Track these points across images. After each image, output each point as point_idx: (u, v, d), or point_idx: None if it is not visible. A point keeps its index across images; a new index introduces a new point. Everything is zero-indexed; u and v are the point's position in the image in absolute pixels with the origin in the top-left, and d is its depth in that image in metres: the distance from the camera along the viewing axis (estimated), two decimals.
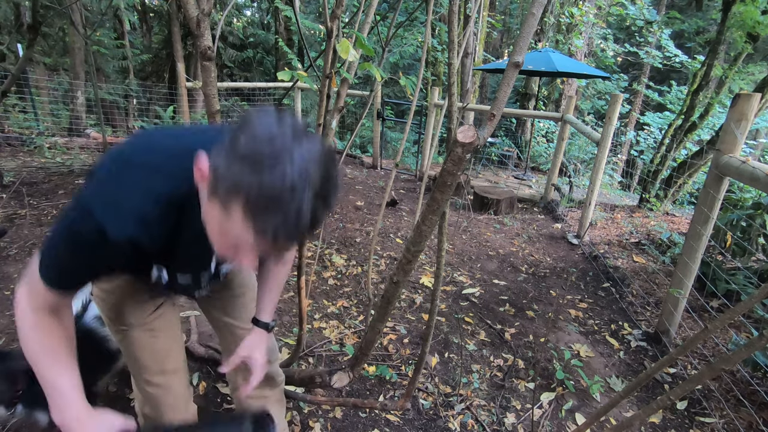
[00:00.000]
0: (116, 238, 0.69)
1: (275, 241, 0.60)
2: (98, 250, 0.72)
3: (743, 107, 2.09)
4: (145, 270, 0.86)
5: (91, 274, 0.80)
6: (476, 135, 0.74)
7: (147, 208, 0.70)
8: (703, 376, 1.06)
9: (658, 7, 12.01)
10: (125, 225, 0.69)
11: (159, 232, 0.74)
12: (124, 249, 0.72)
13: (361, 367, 1.35)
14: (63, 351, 0.83)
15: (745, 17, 4.32)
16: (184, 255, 0.84)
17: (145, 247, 0.73)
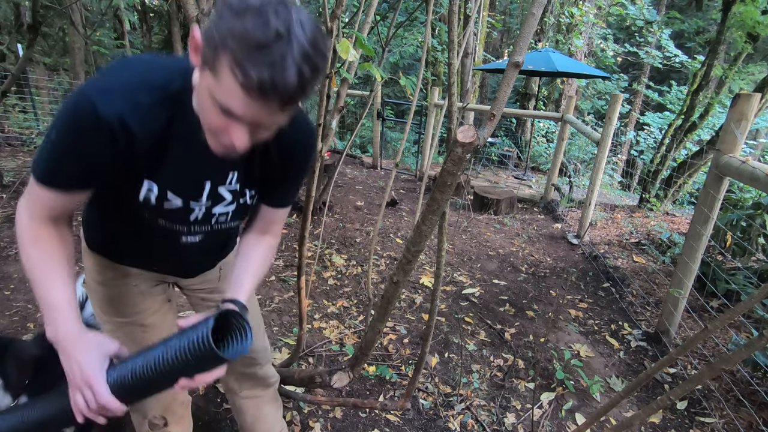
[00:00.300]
0: (105, 114, 0.68)
1: (262, 93, 0.60)
2: (88, 130, 0.70)
3: (743, 107, 2.09)
4: (134, 179, 0.79)
5: (80, 167, 0.75)
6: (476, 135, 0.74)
7: (139, 93, 0.71)
8: (703, 376, 1.06)
9: (658, 7, 12.01)
10: (115, 102, 0.69)
11: (149, 122, 0.73)
12: (113, 132, 0.70)
13: (361, 367, 1.35)
14: (59, 265, 0.81)
15: (745, 17, 4.32)
16: (173, 169, 0.80)
17: (134, 133, 0.71)
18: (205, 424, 1.73)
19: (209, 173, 0.84)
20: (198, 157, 0.79)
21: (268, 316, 2.49)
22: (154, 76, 0.74)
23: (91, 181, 0.79)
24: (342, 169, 6.09)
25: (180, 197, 0.84)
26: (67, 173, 0.76)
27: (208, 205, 0.88)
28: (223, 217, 0.92)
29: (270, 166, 0.90)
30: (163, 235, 0.90)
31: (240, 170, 0.87)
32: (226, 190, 0.88)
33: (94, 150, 0.72)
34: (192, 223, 0.89)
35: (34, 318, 2.28)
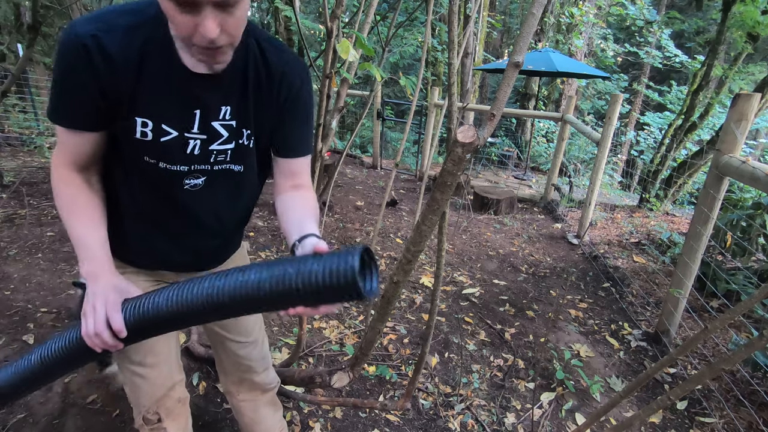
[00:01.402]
0: (81, 33, 0.73)
1: None
2: (69, 54, 0.74)
3: (743, 107, 2.09)
4: (126, 116, 0.80)
5: (74, 96, 0.78)
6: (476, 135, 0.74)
7: (114, 16, 0.76)
8: (703, 376, 1.06)
9: (658, 7, 12.01)
10: (90, 23, 0.74)
11: (125, 43, 0.75)
12: (89, 51, 0.73)
13: (361, 367, 1.35)
14: (91, 209, 0.86)
15: (745, 17, 4.32)
16: (160, 100, 0.80)
17: (111, 54, 0.74)
18: (205, 424, 1.73)
19: (196, 103, 0.83)
20: (181, 85, 0.81)
21: (268, 316, 2.49)
22: (132, 5, 0.78)
23: (91, 116, 0.81)
24: (342, 169, 6.09)
25: (174, 129, 0.84)
26: (68, 106, 0.80)
27: (204, 138, 0.86)
28: (222, 155, 0.90)
29: (264, 101, 0.89)
30: (165, 184, 0.88)
31: (233, 106, 0.87)
32: (221, 125, 0.87)
33: (79, 75, 0.75)
34: (189, 158, 0.87)
35: (34, 318, 2.28)
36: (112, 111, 0.80)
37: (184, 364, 1.82)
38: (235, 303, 0.71)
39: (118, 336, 0.79)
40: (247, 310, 0.74)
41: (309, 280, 0.67)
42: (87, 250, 0.84)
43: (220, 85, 0.83)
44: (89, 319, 0.79)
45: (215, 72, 0.81)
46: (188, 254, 1.03)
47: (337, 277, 0.65)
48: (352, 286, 0.65)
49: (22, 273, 2.69)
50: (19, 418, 1.70)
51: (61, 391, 1.84)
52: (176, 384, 1.12)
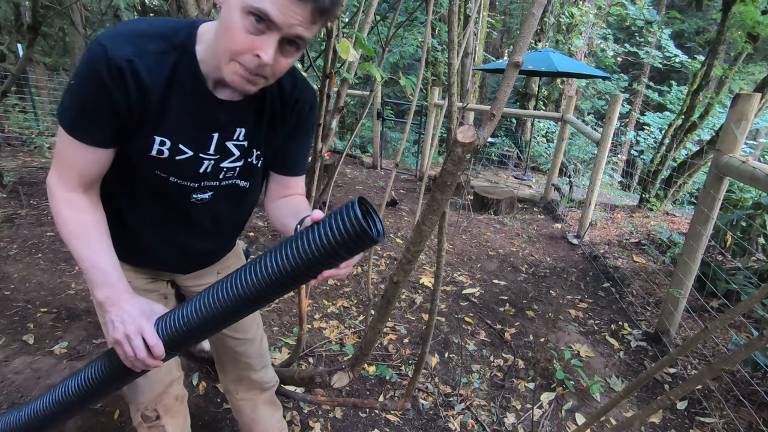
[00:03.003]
0: (115, 56, 0.73)
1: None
2: (101, 73, 0.73)
3: (743, 107, 2.09)
4: (146, 135, 0.81)
5: (98, 111, 0.77)
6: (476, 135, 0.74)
7: (145, 41, 0.76)
8: (703, 376, 1.06)
9: (658, 7, 12.01)
10: (124, 46, 0.74)
11: (156, 70, 0.76)
12: (123, 75, 0.74)
13: (361, 367, 1.35)
14: (99, 231, 0.85)
15: (745, 17, 4.32)
16: (181, 122, 0.82)
17: (143, 80, 0.75)
18: (205, 424, 1.73)
19: (216, 126, 0.86)
20: (204, 110, 0.83)
21: (268, 316, 2.49)
22: (161, 27, 0.78)
23: (110, 133, 0.80)
24: (342, 169, 6.09)
25: (190, 149, 0.86)
26: (90, 123, 0.78)
27: (217, 158, 0.89)
28: (231, 172, 0.93)
29: (276, 125, 0.93)
30: (173, 196, 0.91)
31: (247, 128, 0.90)
32: (234, 145, 0.90)
33: (109, 95, 0.75)
34: (201, 176, 0.90)
35: (34, 318, 2.28)
36: (132, 129, 0.81)
37: (183, 364, 1.83)
38: (263, 291, 0.74)
39: (158, 358, 0.80)
40: (276, 293, 0.76)
41: (323, 244, 0.69)
42: (103, 275, 0.82)
43: (239, 109, 0.87)
44: (126, 347, 0.79)
45: (239, 97, 0.85)
46: (187, 255, 1.05)
47: (346, 230, 0.68)
48: (362, 232, 0.67)
49: (22, 273, 2.69)
50: None
51: None
52: (174, 381, 1.14)
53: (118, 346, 0.80)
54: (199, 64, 0.79)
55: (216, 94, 0.83)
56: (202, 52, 0.79)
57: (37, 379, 1.89)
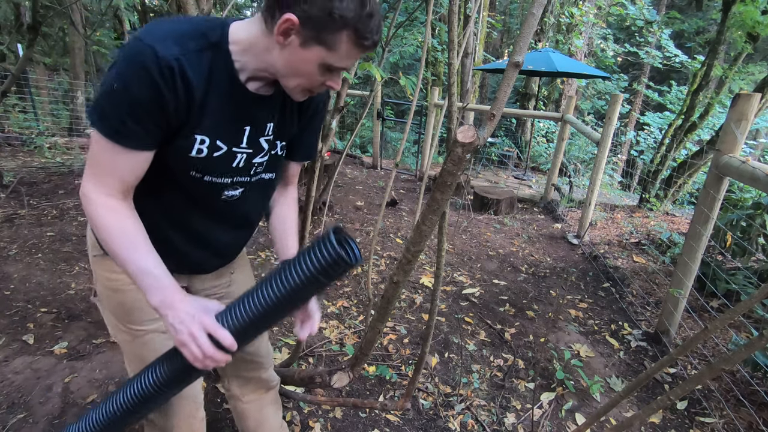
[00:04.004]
0: (166, 57, 0.73)
1: (374, 43, 0.79)
2: (152, 74, 0.73)
3: (743, 107, 2.09)
4: (188, 134, 0.83)
5: (148, 115, 0.77)
6: (476, 135, 0.74)
7: (187, 40, 0.77)
8: (703, 376, 1.06)
9: (658, 7, 12.01)
10: (171, 46, 0.74)
11: (198, 68, 0.78)
12: (174, 75, 0.75)
13: (361, 367, 1.35)
14: (144, 236, 0.84)
15: (745, 17, 4.32)
16: (217, 117, 0.84)
17: (190, 79, 0.76)
18: (207, 423, 1.73)
19: (249, 120, 0.89)
20: (237, 105, 0.85)
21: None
22: (198, 25, 0.80)
23: (157, 135, 0.80)
24: (342, 169, 6.09)
25: (225, 144, 0.87)
26: (138, 126, 0.77)
27: (249, 152, 0.92)
28: (260, 167, 0.96)
29: (295, 115, 0.98)
30: (205, 195, 0.92)
31: (275, 122, 0.93)
32: (264, 140, 0.93)
33: (161, 96, 0.75)
34: (234, 171, 0.92)
35: (34, 318, 2.28)
36: (176, 130, 0.81)
37: None
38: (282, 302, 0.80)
39: (228, 350, 0.80)
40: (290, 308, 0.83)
41: (305, 272, 0.77)
42: (155, 279, 0.81)
43: (270, 104, 0.90)
44: (193, 347, 0.78)
45: (270, 91, 0.89)
46: (214, 252, 1.06)
47: (324, 257, 0.75)
48: (340, 260, 0.75)
49: (22, 273, 2.69)
50: (19, 418, 1.70)
51: (61, 391, 1.84)
52: (200, 403, 1.17)
53: (185, 348, 0.79)
54: (234, 63, 0.81)
55: (255, 91, 0.86)
56: (238, 52, 0.81)
57: (37, 379, 1.89)
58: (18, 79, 4.15)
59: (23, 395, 1.80)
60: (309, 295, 0.81)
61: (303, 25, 0.74)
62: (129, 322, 1.02)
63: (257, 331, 0.83)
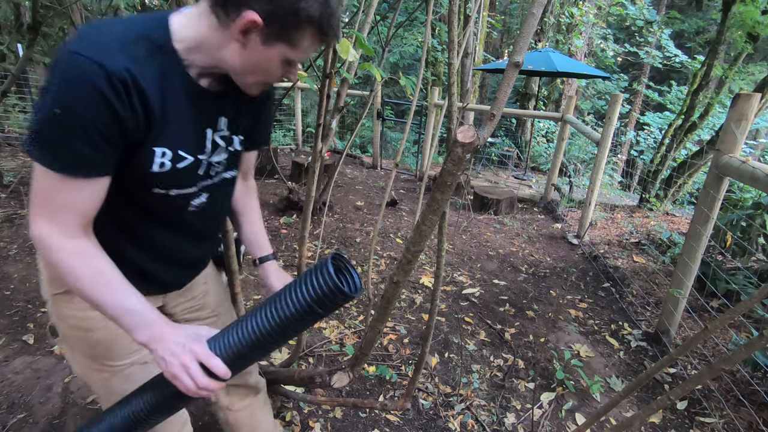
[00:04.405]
0: (115, 69, 0.65)
1: (335, 36, 0.79)
2: (102, 91, 0.65)
3: (743, 107, 2.09)
4: (146, 150, 0.75)
5: (104, 137, 0.68)
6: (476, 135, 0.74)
7: (133, 46, 0.69)
8: (703, 376, 1.06)
9: (658, 7, 12.01)
10: (118, 56, 0.66)
11: (149, 75, 0.70)
12: (127, 87, 0.67)
13: (361, 367, 1.35)
14: (117, 272, 0.76)
15: (745, 17, 4.32)
16: (177, 125, 0.77)
17: (144, 88, 0.69)
18: (205, 424, 1.73)
19: (207, 121, 0.84)
20: (193, 107, 0.80)
21: None
22: (138, 27, 0.72)
23: (115, 157, 0.72)
24: (342, 169, 6.09)
25: (189, 154, 0.81)
26: (91, 152, 0.68)
27: (209, 154, 0.87)
28: (220, 166, 0.91)
29: (246, 104, 0.92)
30: (171, 210, 0.86)
31: (227, 116, 0.88)
32: (219, 137, 0.88)
33: (114, 114, 0.67)
34: (199, 178, 0.87)
35: (34, 318, 2.28)
36: (132, 147, 0.74)
37: None
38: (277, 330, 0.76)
39: (222, 379, 0.76)
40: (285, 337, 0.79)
41: (300, 302, 0.74)
42: (138, 315, 0.75)
43: (223, 98, 0.86)
44: (185, 379, 0.73)
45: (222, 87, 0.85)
46: (185, 266, 1.01)
47: (320, 287, 0.72)
48: (335, 291, 0.71)
49: (22, 273, 2.69)
50: (19, 418, 1.70)
51: (61, 391, 1.84)
52: (186, 421, 1.15)
53: (177, 380, 0.74)
54: (183, 62, 0.76)
55: (208, 88, 0.82)
56: (185, 50, 0.75)
57: (37, 379, 1.89)
58: (18, 79, 4.15)
59: (23, 395, 1.80)
60: (305, 325, 0.77)
61: (267, 24, 0.71)
62: (107, 360, 0.94)
63: (251, 358, 0.79)
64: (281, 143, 7.58)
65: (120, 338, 0.93)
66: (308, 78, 1.46)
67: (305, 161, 4.90)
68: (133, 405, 0.82)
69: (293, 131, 7.59)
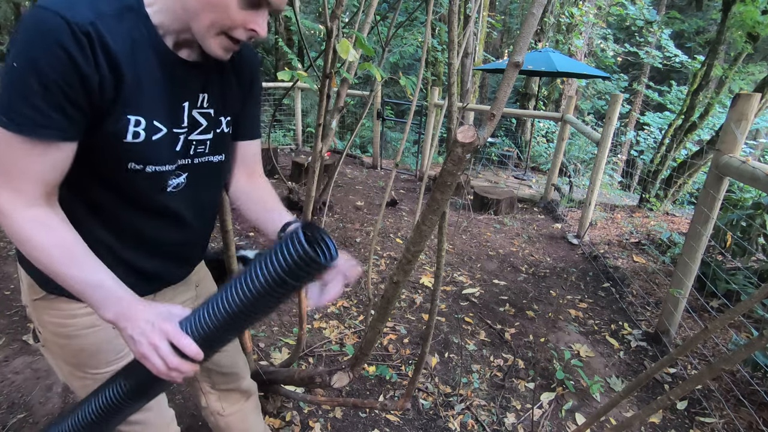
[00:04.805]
0: (79, 20, 0.62)
1: None
2: (64, 44, 0.61)
3: (743, 107, 2.09)
4: (118, 117, 0.71)
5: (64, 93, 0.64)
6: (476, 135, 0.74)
7: (98, 3, 0.66)
8: (703, 376, 1.06)
9: (658, 7, 12.02)
10: (82, 10, 0.63)
11: (116, 33, 0.67)
12: (91, 41, 0.63)
13: (361, 367, 1.35)
14: (82, 246, 0.71)
15: (745, 17, 4.32)
16: (151, 93, 0.73)
17: (109, 44, 0.65)
18: (204, 424, 1.73)
19: (184, 93, 0.79)
20: (168, 77, 0.75)
21: (268, 317, 2.49)
22: None
23: (79, 121, 0.68)
24: (342, 169, 6.09)
25: (164, 125, 0.76)
26: (52, 110, 0.64)
27: (185, 131, 0.81)
28: (201, 146, 0.85)
29: (233, 85, 0.88)
30: (147, 191, 0.80)
31: (210, 93, 0.84)
32: (200, 114, 0.83)
33: (78, 69, 0.63)
34: (176, 155, 0.81)
35: None
36: (102, 113, 0.69)
37: None
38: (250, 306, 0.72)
39: (194, 360, 0.70)
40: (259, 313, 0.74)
41: (270, 274, 0.68)
42: (105, 291, 0.70)
43: (203, 71, 0.81)
44: (155, 359, 0.68)
45: (200, 58, 0.79)
46: (173, 259, 0.95)
47: (290, 257, 0.67)
48: (307, 259, 0.66)
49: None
50: (19, 418, 1.70)
51: (61, 391, 1.84)
52: (171, 421, 1.11)
53: (146, 361, 0.69)
54: (156, 28, 0.72)
55: (186, 58, 0.77)
56: (156, 14, 0.71)
57: (37, 379, 1.89)
58: None
59: (23, 395, 1.80)
60: (279, 299, 0.72)
61: None
62: (89, 368, 0.90)
63: (225, 338, 0.74)
64: (281, 143, 7.58)
65: (102, 346, 0.90)
66: (308, 78, 1.46)
67: (305, 161, 4.90)
68: (107, 393, 0.78)
69: (293, 131, 7.59)
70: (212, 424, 1.33)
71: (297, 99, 7.05)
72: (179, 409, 1.81)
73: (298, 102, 7.11)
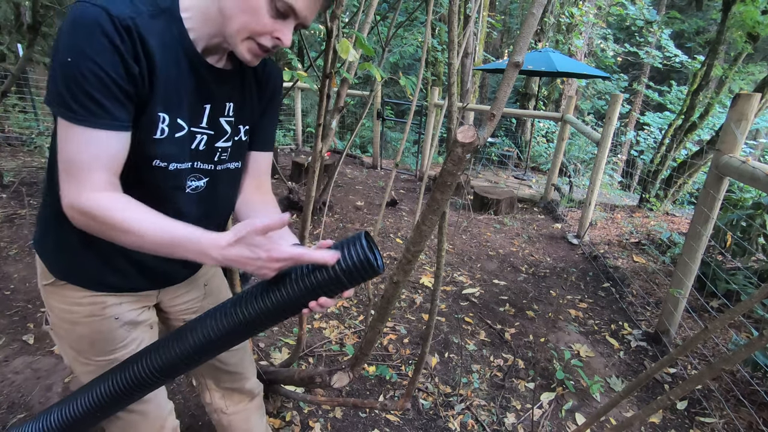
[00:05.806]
0: (120, 15, 0.66)
1: None
2: (108, 35, 0.65)
3: (743, 107, 2.09)
4: (151, 108, 0.74)
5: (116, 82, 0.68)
6: (476, 135, 0.74)
7: (136, 3, 0.71)
8: (703, 376, 1.06)
9: (658, 7, 12.02)
10: (122, 6, 0.68)
11: (152, 32, 0.71)
12: (131, 34, 0.67)
13: (361, 367, 1.35)
14: (154, 211, 0.75)
15: (745, 17, 4.32)
16: (174, 91, 0.77)
17: (146, 39, 0.69)
18: (205, 423, 1.73)
19: (208, 97, 0.83)
20: (196, 79, 0.80)
21: None
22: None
23: (129, 109, 0.72)
24: (342, 169, 6.09)
25: (186, 123, 0.80)
26: (107, 98, 0.68)
27: (211, 134, 0.85)
28: (225, 154, 0.89)
29: (254, 97, 0.92)
30: (167, 189, 0.83)
31: (234, 102, 0.88)
32: (225, 121, 0.87)
33: (122, 57, 0.67)
34: (194, 154, 0.84)
35: (34, 318, 2.28)
36: (139, 105, 0.73)
37: None
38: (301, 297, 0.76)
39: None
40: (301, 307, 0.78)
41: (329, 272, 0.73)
42: (200, 240, 0.73)
43: (229, 80, 0.85)
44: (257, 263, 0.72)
45: (229, 66, 0.84)
46: (175, 263, 0.93)
47: (353, 261, 0.72)
48: (367, 265, 0.72)
49: (22, 273, 2.69)
50: (19, 418, 1.70)
51: (61, 391, 1.84)
52: (169, 414, 1.12)
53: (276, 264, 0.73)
54: (187, 32, 0.76)
55: (215, 64, 0.81)
56: (190, 19, 0.76)
57: (37, 379, 1.89)
58: (18, 79, 4.15)
59: (23, 395, 1.80)
60: (327, 296, 0.77)
61: None
62: (92, 355, 0.94)
63: (270, 322, 0.80)
64: (281, 143, 7.58)
65: (101, 336, 0.92)
66: (308, 78, 1.46)
67: (305, 161, 4.90)
68: (109, 381, 0.83)
69: (293, 131, 7.59)
70: (215, 421, 1.33)
71: (297, 99, 7.05)
72: (179, 409, 1.81)
73: (298, 102, 7.11)
